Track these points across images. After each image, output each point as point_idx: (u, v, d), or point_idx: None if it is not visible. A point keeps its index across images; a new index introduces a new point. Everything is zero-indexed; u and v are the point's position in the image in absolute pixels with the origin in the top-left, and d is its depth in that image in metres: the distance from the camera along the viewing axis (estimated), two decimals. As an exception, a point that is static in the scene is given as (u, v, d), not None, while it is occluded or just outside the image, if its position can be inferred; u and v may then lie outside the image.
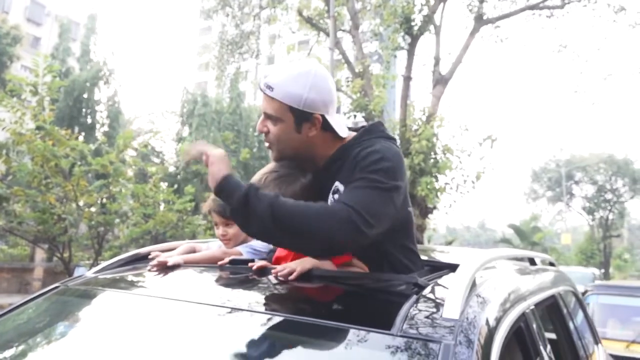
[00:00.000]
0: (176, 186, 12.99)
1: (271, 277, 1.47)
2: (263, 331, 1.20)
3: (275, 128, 1.51)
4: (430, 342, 1.05)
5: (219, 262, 1.72)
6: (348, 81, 12.30)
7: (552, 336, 2.18)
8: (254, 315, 1.26)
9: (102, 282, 1.69)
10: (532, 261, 2.48)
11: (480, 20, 12.23)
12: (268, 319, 1.24)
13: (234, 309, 1.29)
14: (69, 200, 6.46)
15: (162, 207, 8.09)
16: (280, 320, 1.23)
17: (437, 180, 10.54)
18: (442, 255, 2.25)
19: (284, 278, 1.43)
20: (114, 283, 1.69)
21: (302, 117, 1.50)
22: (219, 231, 2.09)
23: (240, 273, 1.64)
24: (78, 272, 7.13)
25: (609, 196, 36.87)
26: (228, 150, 13.16)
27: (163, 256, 1.78)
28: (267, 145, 1.58)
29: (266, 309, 1.33)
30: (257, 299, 1.45)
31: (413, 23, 11.03)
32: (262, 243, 2.01)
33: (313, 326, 1.19)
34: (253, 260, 1.63)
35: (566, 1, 12.39)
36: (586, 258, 32.93)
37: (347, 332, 1.12)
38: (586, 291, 5.86)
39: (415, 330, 1.10)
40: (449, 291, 1.21)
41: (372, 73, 12.17)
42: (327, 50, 11.98)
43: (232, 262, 1.70)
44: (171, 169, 21.14)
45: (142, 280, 1.73)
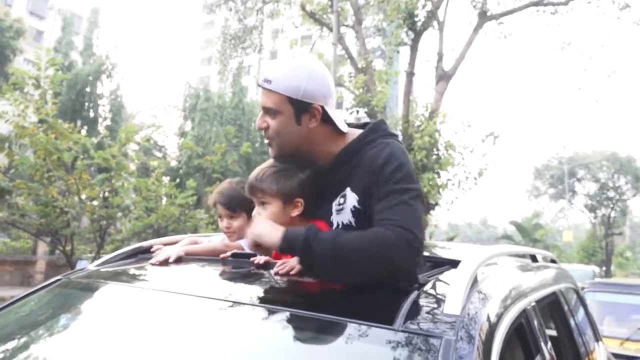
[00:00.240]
0: (178, 180, 13.00)
1: (273, 272, 1.47)
2: (265, 325, 1.21)
3: (274, 121, 1.50)
4: (431, 338, 1.05)
5: (222, 255, 1.72)
6: (351, 77, 12.27)
7: (553, 333, 2.18)
8: (256, 309, 1.27)
9: (104, 275, 1.70)
10: (534, 258, 2.48)
11: (484, 16, 12.18)
12: (270, 313, 1.24)
13: (236, 303, 1.30)
14: (72, 193, 6.48)
15: (164, 201, 8.10)
16: (282, 314, 1.24)
17: (440, 176, 10.53)
18: (444, 251, 2.24)
19: (285, 274, 1.43)
20: (116, 276, 1.69)
21: (301, 108, 1.49)
22: (223, 223, 2.08)
23: (242, 267, 1.64)
24: (80, 266, 7.15)
25: (612, 194, 36.81)
26: (230, 144, 13.15)
27: (165, 249, 1.78)
28: (267, 141, 1.56)
29: (268, 303, 1.34)
30: (259, 293, 1.46)
31: (416, 19, 10.99)
32: None
33: (315, 320, 1.19)
34: (254, 254, 1.63)
35: (570, -3, 12.34)
36: (588, 256, 32.93)
37: (349, 327, 1.13)
38: (583, 288, 5.87)
39: (416, 325, 1.10)
40: (450, 287, 1.21)
41: (375, 69, 12.13)
42: (330, 45, 11.96)
43: (234, 256, 1.71)
44: (173, 163, 21.18)
45: (144, 273, 1.73)
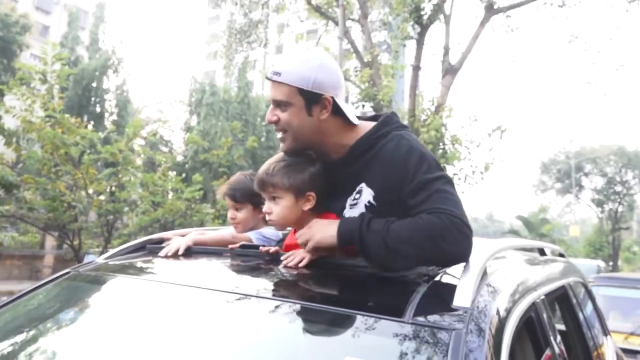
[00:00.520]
0: (184, 175, 13.03)
1: (282, 264, 1.47)
2: (274, 318, 1.21)
3: (285, 114, 1.49)
4: (441, 330, 1.05)
5: (230, 246, 1.72)
6: (357, 71, 12.24)
7: (562, 327, 2.17)
8: (264, 301, 1.27)
9: (113, 268, 1.70)
10: (542, 252, 2.47)
11: (490, 9, 12.10)
12: (278, 306, 1.24)
13: (244, 295, 1.30)
14: (79, 188, 6.51)
15: (171, 196, 8.13)
16: (291, 307, 1.23)
17: (446, 171, 10.47)
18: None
19: (293, 266, 1.43)
20: (125, 269, 1.70)
21: (312, 99, 1.48)
22: (229, 214, 2.15)
23: (250, 259, 1.64)
24: (88, 260, 7.17)
25: (619, 188, 36.57)
26: (236, 139, 13.15)
27: (174, 240, 1.79)
28: (280, 135, 1.54)
29: (276, 296, 1.33)
30: (267, 286, 1.46)
31: (423, 12, 10.93)
32: (272, 230, 2.02)
33: (324, 313, 1.19)
34: (263, 246, 1.64)
35: (578, -10, 12.24)
36: (595, 250, 32.77)
37: (358, 319, 1.12)
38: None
39: (426, 317, 1.10)
40: (460, 280, 1.20)
41: (381, 63, 12.10)
42: (336, 39, 11.93)
43: (242, 248, 1.71)
44: (179, 158, 21.22)
45: (153, 266, 1.74)
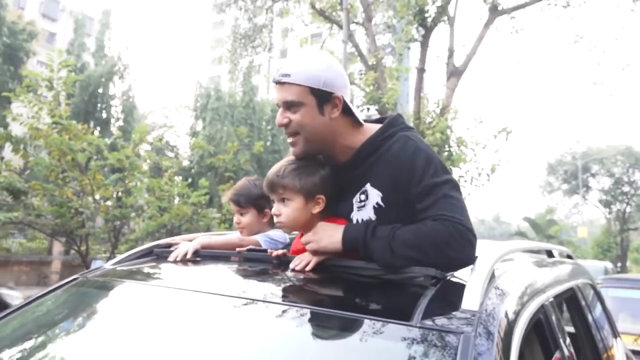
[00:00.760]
0: (190, 180, 13.07)
1: (289, 269, 1.47)
2: (282, 322, 1.21)
3: (297, 115, 1.49)
4: (449, 334, 1.05)
5: (238, 249, 1.73)
6: (361, 74, 12.24)
7: (571, 329, 2.16)
8: (272, 306, 1.27)
9: (121, 274, 1.71)
10: (550, 254, 2.45)
11: (495, 11, 12.07)
12: (286, 310, 1.24)
13: (252, 300, 1.30)
14: (86, 194, 6.54)
15: (177, 201, 8.15)
16: (299, 311, 1.23)
17: (452, 173, 10.44)
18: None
19: (301, 270, 1.43)
20: (133, 274, 1.70)
21: (323, 98, 1.49)
22: (235, 219, 2.19)
23: (257, 264, 1.64)
24: (95, 265, 7.21)
25: (627, 189, 36.31)
26: (242, 144, 13.18)
27: (182, 244, 1.80)
28: (291, 139, 1.53)
29: (284, 300, 1.33)
30: (275, 291, 1.46)
31: (427, 14, 10.91)
32: (279, 232, 2.03)
33: (332, 317, 1.19)
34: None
35: (583, -10, 12.19)
36: (603, 251, 32.53)
37: (366, 324, 1.12)
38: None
39: (434, 321, 1.09)
40: (468, 283, 1.20)
41: (385, 65, 12.09)
42: (340, 43, 11.92)
43: (250, 252, 1.71)
44: (185, 163, 21.29)
45: (161, 271, 1.74)
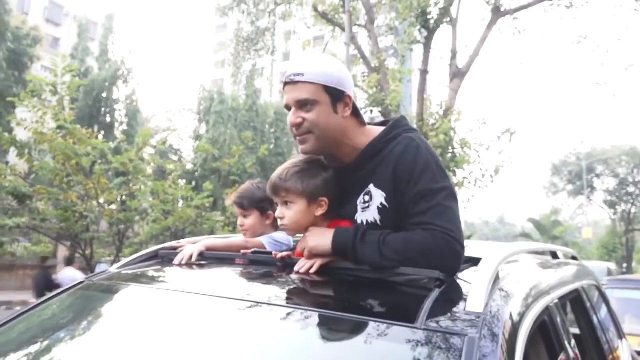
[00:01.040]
0: (194, 183, 13.10)
1: (293, 271, 1.48)
2: (287, 325, 1.21)
3: (312, 113, 1.50)
4: (454, 336, 1.05)
5: (243, 251, 1.74)
6: (364, 76, 12.26)
7: (576, 331, 2.15)
8: (277, 309, 1.27)
9: (126, 277, 1.71)
10: (555, 255, 2.45)
11: (497, 12, 12.07)
12: (290, 313, 1.24)
13: (257, 303, 1.30)
14: (90, 198, 6.57)
15: (181, 204, 8.17)
16: (303, 314, 1.24)
17: (455, 174, 10.46)
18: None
19: (305, 272, 1.44)
20: (138, 278, 1.71)
21: (337, 96, 1.51)
22: (238, 221, 2.21)
23: (262, 267, 1.65)
24: (100, 269, 7.23)
25: (631, 189, 36.19)
26: (247, 148, 13.20)
27: (187, 247, 1.81)
28: (302, 137, 1.54)
29: (289, 303, 1.34)
30: (280, 293, 1.46)
31: (429, 16, 10.93)
32: (283, 235, 2.03)
33: (336, 320, 1.19)
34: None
35: (586, -10, 12.18)
36: (608, 252, 32.42)
37: (371, 326, 1.12)
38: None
39: (439, 323, 1.10)
40: (472, 285, 1.20)
41: (388, 68, 12.10)
42: (343, 45, 11.95)
43: (255, 254, 1.72)
44: (189, 166, 21.35)
45: (166, 275, 1.75)
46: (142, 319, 1.44)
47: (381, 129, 1.60)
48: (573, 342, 1.68)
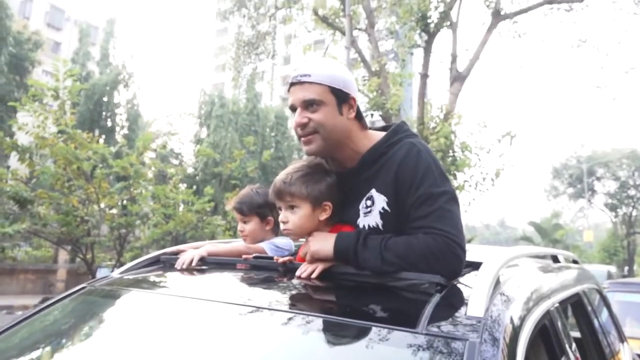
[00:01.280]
0: (195, 187, 13.11)
1: (295, 276, 1.48)
2: (287, 330, 1.21)
3: (318, 113, 1.52)
4: (455, 340, 1.05)
5: (244, 256, 1.74)
6: (364, 80, 12.27)
7: (577, 334, 2.16)
8: (278, 314, 1.27)
9: (128, 283, 1.72)
10: (555, 259, 2.45)
11: (497, 15, 12.10)
12: (292, 318, 1.25)
13: (258, 308, 1.30)
14: (91, 202, 6.57)
15: (182, 208, 8.17)
16: (304, 319, 1.24)
17: (456, 178, 10.47)
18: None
19: (306, 277, 1.44)
20: (140, 283, 1.71)
21: (342, 98, 1.54)
22: (239, 227, 2.20)
23: (264, 272, 1.65)
24: (101, 273, 7.24)
25: (632, 192, 36.16)
26: (248, 152, 13.21)
27: (189, 252, 1.81)
28: (307, 137, 1.54)
29: (290, 308, 1.34)
30: (281, 298, 1.46)
31: (429, 20, 10.97)
32: (285, 240, 2.04)
33: (338, 324, 1.20)
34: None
35: (585, -6, 12.21)
36: (609, 255, 32.38)
37: (372, 331, 1.13)
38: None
39: (439, 328, 1.10)
40: (473, 289, 1.20)
41: (389, 71, 12.12)
42: (343, 49, 11.97)
43: (256, 259, 1.72)
44: (190, 170, 21.35)
45: (168, 280, 1.75)
46: (144, 324, 1.45)
47: (382, 134, 1.61)
48: (574, 346, 1.68)
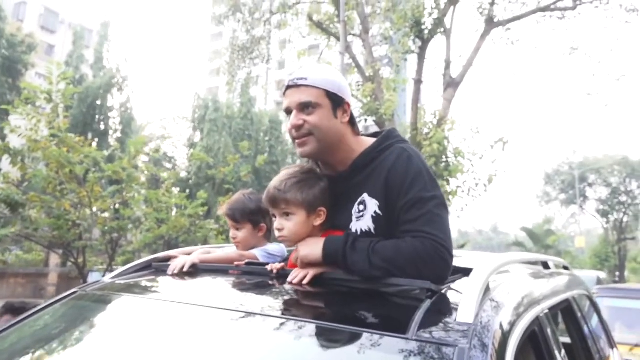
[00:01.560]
0: (188, 191, 13.06)
1: (286, 282, 1.49)
2: (278, 336, 1.22)
3: (313, 116, 1.54)
4: (445, 346, 1.06)
5: (236, 263, 1.74)
6: (359, 85, 12.30)
7: (567, 340, 2.17)
8: (270, 319, 1.28)
9: (120, 288, 1.72)
10: (546, 265, 2.47)
11: (491, 22, 12.18)
12: (283, 324, 1.25)
13: (250, 314, 1.31)
14: (84, 206, 6.53)
15: (175, 212, 8.13)
16: (296, 324, 1.24)
17: (449, 183, 10.50)
18: (455, 259, 2.25)
19: (297, 283, 1.45)
20: (131, 288, 1.71)
21: (337, 102, 1.57)
22: (231, 234, 2.17)
23: (255, 278, 1.65)
24: (92, 278, 7.19)
25: (624, 198, 36.42)
26: (243, 157, 13.19)
27: (180, 258, 1.80)
28: (302, 139, 1.55)
29: (282, 314, 1.35)
30: (273, 304, 1.47)
31: (423, 26, 11.02)
32: (277, 247, 2.04)
33: (328, 330, 1.20)
34: (268, 263, 1.66)
35: (578, 2, 12.31)
36: (601, 261, 32.53)
37: (362, 337, 1.13)
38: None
39: (429, 334, 1.11)
40: (463, 295, 1.21)
41: (383, 77, 12.16)
42: (338, 54, 11.99)
43: (248, 265, 1.72)
44: (183, 174, 21.29)
45: (159, 285, 1.75)
46: (135, 329, 1.44)
47: (374, 140, 1.63)
48: (563, 352, 1.69)
